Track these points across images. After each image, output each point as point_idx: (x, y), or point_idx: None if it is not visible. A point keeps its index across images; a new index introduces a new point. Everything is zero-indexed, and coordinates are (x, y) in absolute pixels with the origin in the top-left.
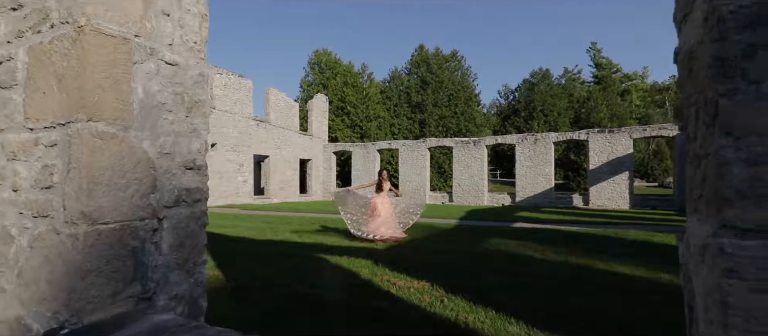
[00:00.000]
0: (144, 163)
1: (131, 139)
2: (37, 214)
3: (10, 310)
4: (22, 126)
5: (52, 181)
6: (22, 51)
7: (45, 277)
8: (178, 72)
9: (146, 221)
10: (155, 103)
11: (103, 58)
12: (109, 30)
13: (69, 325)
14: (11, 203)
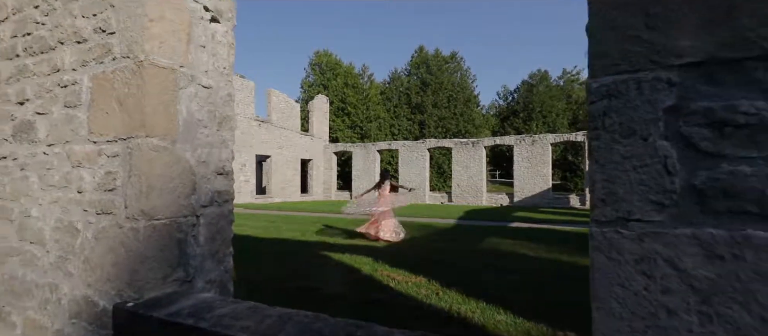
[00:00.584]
0: (186, 170)
1: (177, 150)
2: (100, 212)
3: (77, 290)
4: (86, 139)
5: (115, 185)
6: (86, 77)
7: (109, 262)
8: (212, 93)
9: (188, 218)
10: (194, 120)
11: (157, 85)
12: (162, 63)
13: (132, 300)
14: (76, 203)
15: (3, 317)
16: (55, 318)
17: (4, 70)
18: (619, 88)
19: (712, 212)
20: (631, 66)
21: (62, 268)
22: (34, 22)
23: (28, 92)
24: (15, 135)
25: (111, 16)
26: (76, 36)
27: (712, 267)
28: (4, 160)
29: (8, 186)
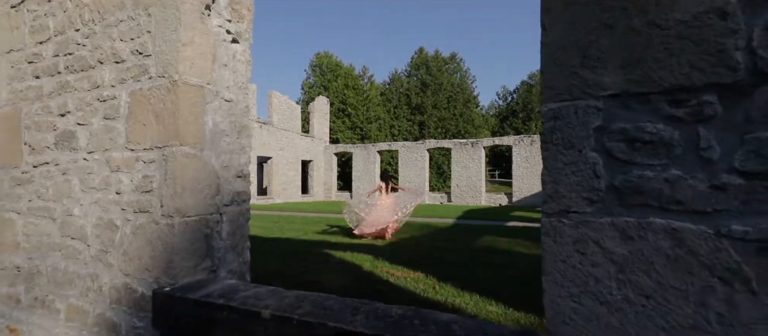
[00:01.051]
0: (212, 173)
1: (205, 157)
2: (138, 210)
3: (117, 279)
4: (124, 147)
5: (152, 187)
6: (124, 93)
7: (147, 254)
8: (233, 106)
9: (213, 215)
10: (218, 130)
11: (189, 101)
12: (192, 81)
13: (169, 286)
14: (115, 203)
15: (47, 305)
16: (96, 304)
17: (46, 85)
18: (562, 112)
19: (626, 205)
20: (571, 96)
21: (103, 260)
22: (76, 43)
23: (70, 105)
24: (57, 143)
25: (148, 41)
26: (115, 57)
27: (626, 245)
28: (47, 166)
29: (51, 189)
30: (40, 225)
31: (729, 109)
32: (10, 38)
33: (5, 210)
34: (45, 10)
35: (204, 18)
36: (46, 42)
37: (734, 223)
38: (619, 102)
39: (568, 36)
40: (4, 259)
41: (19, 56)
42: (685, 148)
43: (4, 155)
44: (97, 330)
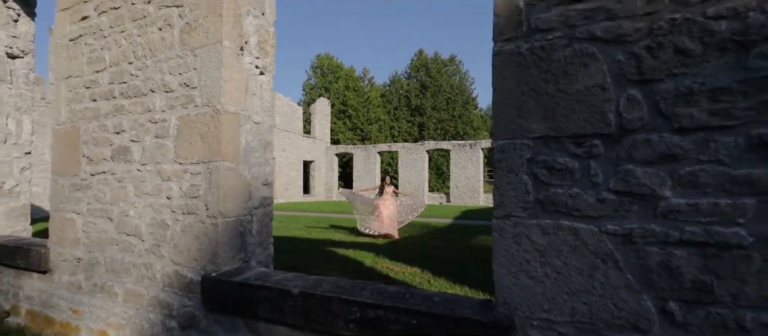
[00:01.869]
0: (245, 183)
1: (240, 170)
2: (186, 212)
3: (168, 268)
4: (173, 161)
5: (198, 193)
6: (173, 117)
7: (195, 247)
8: (260, 127)
9: (246, 216)
10: (249, 148)
11: (228, 125)
12: (231, 109)
13: (214, 272)
14: (166, 206)
15: (106, 290)
16: (150, 288)
17: (103, 108)
18: (506, 147)
19: (545, 212)
20: (511, 136)
21: (156, 252)
22: (130, 74)
23: (124, 125)
24: (113, 156)
25: (194, 76)
26: (165, 87)
27: (545, 238)
28: (104, 174)
29: (108, 194)
30: (99, 223)
31: (608, 150)
32: (69, 66)
33: (66, 211)
34: (101, 44)
35: (239, 57)
36: (102, 71)
37: (609, 224)
38: (542, 142)
39: (508, 97)
40: (65, 252)
41: (77, 81)
42: (581, 174)
43: (65, 165)
44: (152, 309)
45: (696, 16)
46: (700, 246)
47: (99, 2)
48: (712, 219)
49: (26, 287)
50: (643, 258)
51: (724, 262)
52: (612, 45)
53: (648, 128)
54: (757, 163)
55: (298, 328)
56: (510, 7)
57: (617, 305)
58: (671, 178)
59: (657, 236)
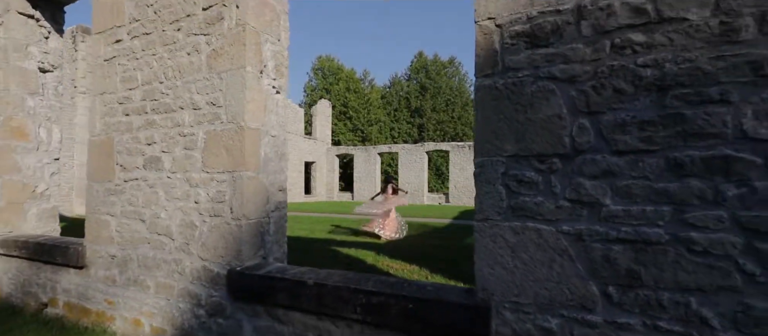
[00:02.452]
0: (264, 189)
1: (260, 178)
2: (212, 215)
3: (196, 263)
4: (201, 170)
5: (224, 198)
6: (201, 132)
7: (221, 245)
8: (276, 140)
9: (265, 218)
10: (268, 158)
11: (250, 140)
12: (252, 126)
13: (238, 267)
14: (194, 209)
15: (140, 283)
16: (179, 281)
17: (135, 122)
18: (485, 163)
19: (516, 216)
20: (489, 155)
21: (185, 249)
22: (160, 92)
23: (156, 137)
24: (145, 165)
25: (220, 97)
26: (193, 105)
27: (515, 237)
28: (137, 181)
29: (140, 198)
30: (132, 225)
31: (564, 167)
32: (103, 83)
33: (101, 213)
34: (133, 65)
35: (259, 80)
36: (134, 89)
37: (565, 225)
38: (513, 159)
39: (487, 123)
40: (101, 250)
41: (111, 97)
42: (544, 185)
43: (100, 172)
44: (181, 299)
45: (629, 64)
46: (632, 243)
47: (132, 28)
48: (640, 222)
49: (63, 281)
50: (589, 252)
51: (648, 255)
52: (567, 83)
53: (594, 150)
54: (672, 179)
55: (312, 313)
56: (488, 50)
57: (570, 290)
58: (611, 190)
59: (600, 235)
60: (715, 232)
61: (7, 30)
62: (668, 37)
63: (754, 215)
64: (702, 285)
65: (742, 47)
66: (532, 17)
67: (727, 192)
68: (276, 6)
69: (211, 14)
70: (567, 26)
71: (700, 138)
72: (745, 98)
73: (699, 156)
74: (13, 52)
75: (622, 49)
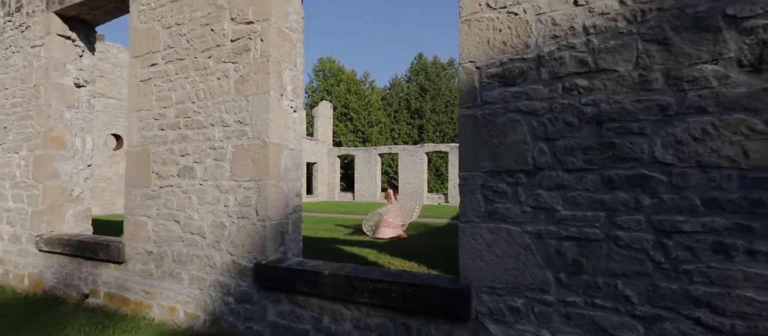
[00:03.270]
0: (284, 195)
1: (280, 186)
2: (240, 217)
3: (226, 258)
4: (229, 178)
5: (250, 203)
6: (230, 146)
7: (248, 242)
8: (294, 153)
9: (284, 220)
10: (287, 168)
11: (273, 153)
12: (275, 141)
13: (264, 261)
14: (224, 212)
15: (174, 276)
16: (210, 274)
17: (170, 135)
18: (467, 176)
19: (491, 219)
20: (470, 170)
21: (216, 246)
22: (193, 110)
23: (189, 150)
24: (179, 174)
25: (246, 116)
26: (223, 123)
27: (491, 236)
28: (171, 187)
29: (175, 202)
30: (167, 225)
31: (528, 180)
32: (139, 101)
33: (139, 215)
34: (168, 87)
35: (280, 101)
36: (169, 107)
37: (528, 226)
38: (489, 174)
39: (469, 145)
40: (138, 247)
41: (147, 114)
42: (512, 195)
43: (137, 179)
44: (213, 289)
45: (575, 102)
46: (577, 240)
47: (166, 53)
48: (583, 224)
49: (104, 275)
50: (546, 247)
51: (588, 249)
52: (530, 115)
53: (550, 168)
54: (606, 192)
55: (327, 298)
56: (470, 86)
57: (532, 276)
58: (562, 199)
59: (554, 234)
60: (635, 231)
61: (48, 50)
62: (603, 83)
63: (662, 219)
64: (625, 271)
65: (654, 94)
66: (504, 63)
67: (643, 201)
68: (293, 37)
69: (239, 45)
70: (530, 71)
71: (625, 161)
72: (656, 132)
73: (624, 174)
74: (53, 70)
75: (570, 91)
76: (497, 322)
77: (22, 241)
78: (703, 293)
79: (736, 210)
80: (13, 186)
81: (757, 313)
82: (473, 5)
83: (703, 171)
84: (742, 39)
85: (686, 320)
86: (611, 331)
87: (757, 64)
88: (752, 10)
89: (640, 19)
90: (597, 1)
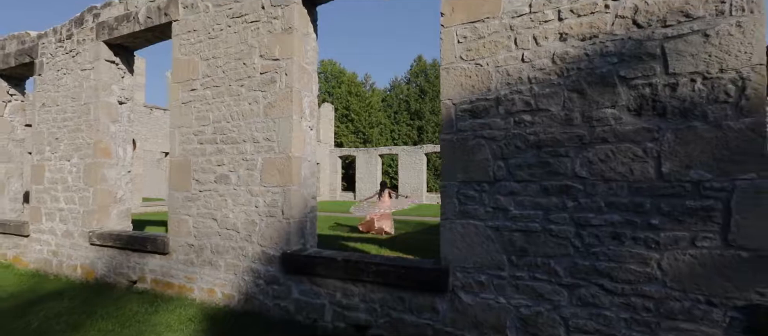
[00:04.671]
0: (303, 198)
1: (301, 191)
2: (268, 215)
3: (256, 249)
4: (259, 184)
5: (277, 205)
6: (259, 158)
7: (275, 236)
8: (310, 164)
9: (304, 218)
10: (306, 176)
11: (295, 164)
12: (296, 155)
13: (288, 251)
14: (255, 212)
15: (213, 263)
16: (243, 262)
17: (208, 149)
18: (446, 185)
19: (464, 217)
20: (449, 180)
21: (248, 239)
22: (228, 128)
23: (224, 161)
24: (216, 180)
25: (273, 135)
26: (253, 139)
27: (463, 229)
28: (209, 191)
29: (212, 204)
30: (206, 222)
31: (490, 188)
32: (181, 120)
33: (181, 214)
34: (206, 108)
35: (300, 122)
36: (206, 125)
37: (489, 222)
38: (462, 183)
39: (448, 162)
40: (181, 240)
41: (187, 130)
42: (478, 199)
43: (179, 184)
44: (245, 274)
45: (522, 132)
46: (524, 232)
47: (204, 81)
48: (527, 220)
49: (150, 264)
50: (502, 237)
51: (531, 238)
52: (491, 141)
53: (505, 179)
54: (543, 197)
55: (340, 279)
56: (448, 117)
57: (492, 258)
58: (513, 202)
59: (508, 228)
60: (562, 225)
61: (97, 73)
62: (541, 119)
63: (579, 216)
64: (556, 254)
65: (574, 128)
66: (473, 101)
67: (567, 204)
68: (310, 69)
69: (266, 78)
70: (491, 108)
71: (556, 175)
72: (576, 155)
73: (555, 184)
74: (101, 91)
75: (519, 123)
76: (467, 293)
77: (74, 236)
78: (605, 267)
79: (625, 209)
80: (65, 189)
81: (637, 279)
82: (450, 57)
83: (606, 182)
84: (630, 92)
85: (594, 286)
86: (546, 296)
87: (638, 110)
88: (635, 74)
89: (566, 75)
90: (537, 60)
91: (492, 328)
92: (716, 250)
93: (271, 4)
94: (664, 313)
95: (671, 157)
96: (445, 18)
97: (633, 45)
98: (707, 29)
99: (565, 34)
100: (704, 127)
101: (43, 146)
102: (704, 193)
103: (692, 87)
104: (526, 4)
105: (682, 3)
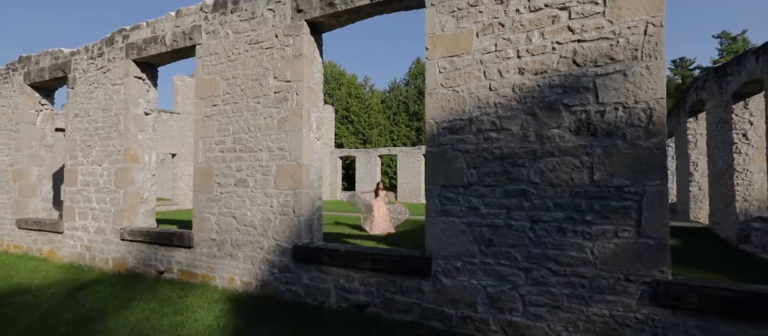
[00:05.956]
0: (311, 199)
1: (309, 192)
2: (281, 214)
3: (271, 242)
4: (273, 187)
5: (289, 204)
6: (274, 165)
7: (288, 231)
8: (317, 170)
9: (311, 216)
10: (313, 180)
11: (304, 171)
12: (305, 162)
13: (299, 244)
14: (270, 210)
15: (233, 255)
16: (260, 253)
17: (228, 157)
18: (431, 189)
19: (444, 214)
20: (432, 184)
21: (264, 234)
22: (246, 139)
23: (243, 167)
24: (235, 184)
25: (286, 145)
26: (269, 148)
27: (444, 226)
28: (229, 193)
29: (232, 204)
30: (226, 220)
31: (464, 191)
32: (204, 131)
33: (205, 213)
34: (227, 121)
35: (309, 134)
36: (227, 136)
37: (464, 219)
38: (443, 187)
39: (431, 169)
40: (204, 236)
41: (209, 140)
42: (455, 200)
43: (203, 187)
44: (261, 264)
45: (490, 146)
46: (491, 227)
47: (224, 97)
48: (494, 217)
49: (176, 256)
50: (474, 232)
51: (496, 232)
52: (465, 153)
53: (476, 185)
54: (505, 198)
55: (343, 267)
56: (432, 134)
57: (466, 248)
58: (483, 203)
59: (479, 223)
60: (520, 221)
61: (127, 88)
62: (504, 136)
63: (533, 213)
64: (516, 244)
65: (529, 144)
66: (452, 120)
67: (524, 203)
68: (317, 89)
69: (279, 96)
70: (466, 126)
71: (515, 181)
72: (530, 165)
73: (515, 189)
74: (130, 104)
75: (487, 139)
76: (447, 276)
77: (106, 232)
78: (552, 254)
79: (568, 209)
80: (97, 190)
81: (576, 262)
82: (433, 84)
83: (553, 187)
84: (571, 116)
85: (544, 269)
86: (508, 277)
87: (577, 130)
88: (574, 102)
89: (523, 101)
90: (501, 89)
91: (466, 305)
92: (632, 239)
93: (284, 33)
94: (595, 288)
95: (601, 167)
96: (428, 52)
97: (573, 80)
98: (626, 70)
99: (522, 69)
100: (624, 145)
101: (76, 152)
102: (624, 195)
103: (615, 114)
104: (492, 43)
105: (608, 48)
